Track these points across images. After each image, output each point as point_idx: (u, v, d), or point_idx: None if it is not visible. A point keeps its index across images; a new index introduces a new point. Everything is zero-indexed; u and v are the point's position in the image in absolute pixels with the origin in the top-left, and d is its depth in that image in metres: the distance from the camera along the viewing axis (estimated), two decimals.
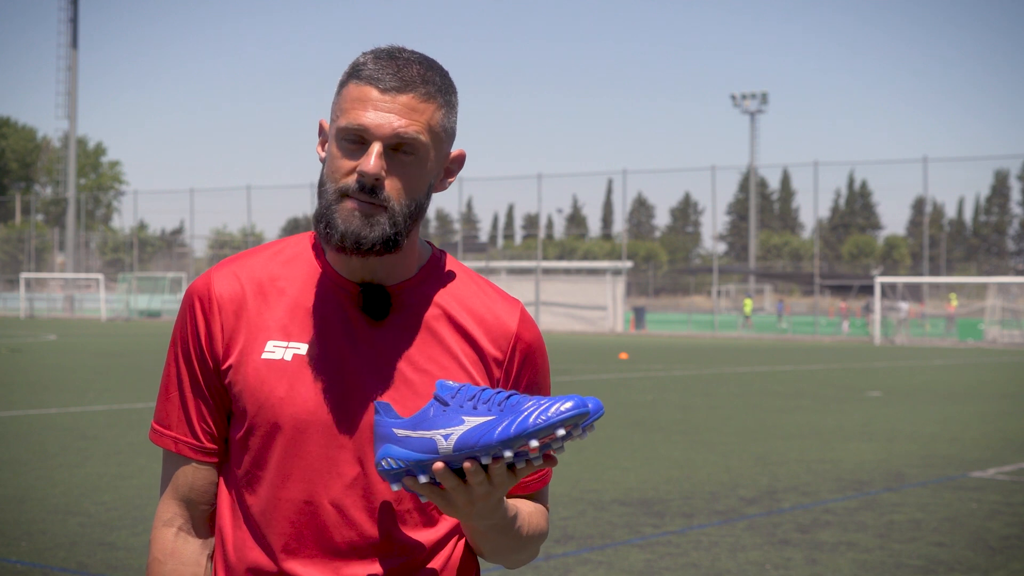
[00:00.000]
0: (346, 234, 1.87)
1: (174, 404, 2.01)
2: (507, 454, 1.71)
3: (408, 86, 1.88)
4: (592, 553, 7.41)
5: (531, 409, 1.71)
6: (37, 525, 7.84)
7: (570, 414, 1.69)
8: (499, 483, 1.77)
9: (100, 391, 17.74)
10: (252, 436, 1.95)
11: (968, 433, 14.09)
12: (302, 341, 1.95)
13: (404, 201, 1.89)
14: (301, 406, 1.92)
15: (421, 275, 2.01)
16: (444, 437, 1.74)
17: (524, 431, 1.69)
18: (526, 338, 2.04)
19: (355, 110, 1.87)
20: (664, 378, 22.99)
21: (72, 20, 67.15)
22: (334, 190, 1.89)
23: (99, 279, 62.30)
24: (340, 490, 1.92)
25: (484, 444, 1.71)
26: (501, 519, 1.88)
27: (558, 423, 1.69)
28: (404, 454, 1.76)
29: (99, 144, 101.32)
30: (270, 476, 1.94)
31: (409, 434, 1.77)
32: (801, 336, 48.90)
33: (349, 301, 1.97)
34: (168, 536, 2.02)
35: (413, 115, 1.87)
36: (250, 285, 1.99)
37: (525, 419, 1.70)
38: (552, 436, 1.70)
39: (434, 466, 1.74)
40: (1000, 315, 46.48)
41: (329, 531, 1.92)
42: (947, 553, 7.53)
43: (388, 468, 1.78)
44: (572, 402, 1.70)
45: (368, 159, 1.86)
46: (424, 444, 1.75)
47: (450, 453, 1.73)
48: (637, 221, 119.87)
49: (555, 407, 1.70)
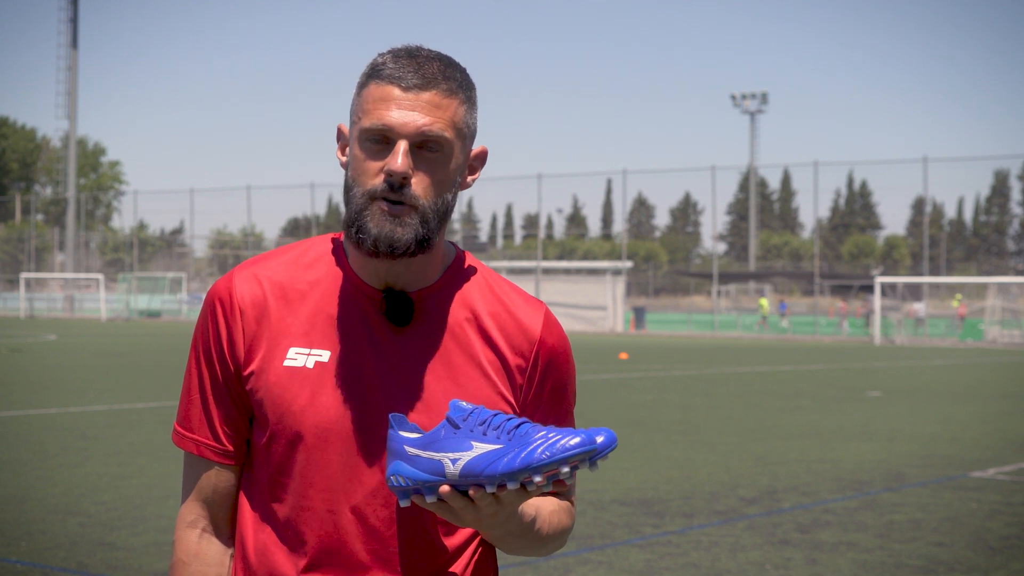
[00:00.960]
0: (379, 239, 1.85)
1: (196, 407, 2.01)
2: (510, 485, 1.72)
3: (430, 83, 1.86)
4: (592, 553, 7.41)
5: (539, 443, 1.71)
6: (37, 525, 7.83)
7: (575, 451, 1.70)
8: (508, 503, 1.77)
9: (100, 391, 17.73)
10: (274, 443, 1.95)
11: (968, 433, 14.08)
12: (324, 348, 1.94)
13: (432, 199, 1.88)
14: (323, 415, 1.92)
15: (444, 280, 1.99)
16: (452, 461, 1.75)
17: (528, 465, 1.71)
18: (549, 343, 2.02)
19: (378, 110, 1.86)
20: (664, 378, 22.98)
21: (72, 20, 67.15)
22: (362, 193, 1.87)
23: (99, 279, 62.29)
24: (362, 498, 1.92)
25: (488, 474, 1.72)
26: (517, 526, 1.88)
27: (563, 460, 1.70)
28: (413, 473, 1.77)
29: (98, 144, 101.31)
30: (292, 484, 1.94)
31: (419, 453, 1.77)
32: (801, 336, 48.89)
33: (372, 307, 1.96)
34: (192, 538, 2.02)
35: (437, 112, 1.86)
36: (272, 289, 1.97)
37: (531, 453, 1.71)
38: (555, 471, 1.71)
39: (440, 489, 1.75)
40: (1000, 315, 46.48)
41: (351, 539, 1.92)
42: (947, 553, 7.53)
43: (397, 485, 1.79)
44: (579, 438, 1.71)
45: (395, 158, 1.84)
46: (432, 465, 1.76)
47: (456, 478, 1.74)
48: (637, 221, 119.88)
49: (562, 442, 1.70)
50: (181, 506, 2.05)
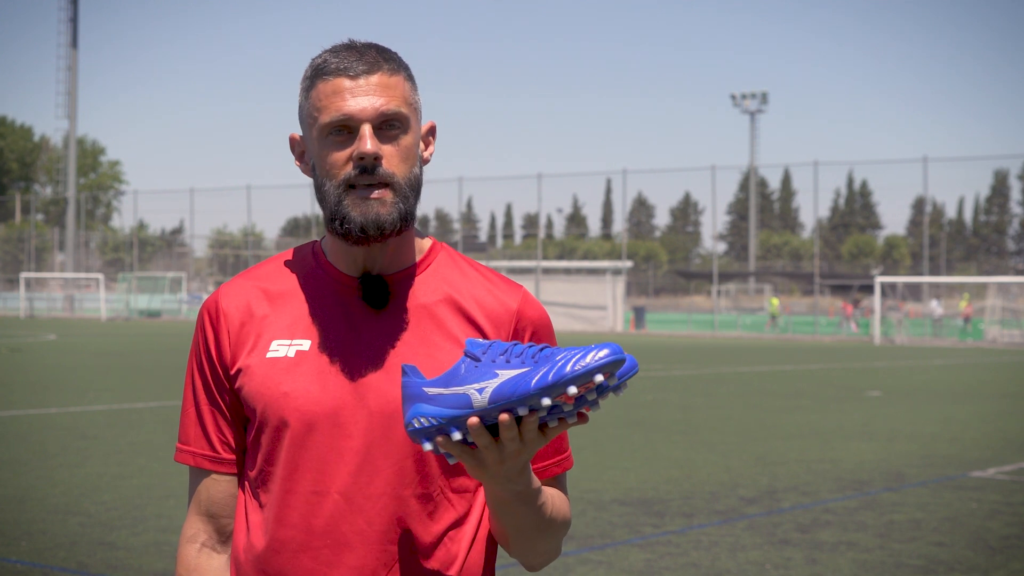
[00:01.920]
0: (366, 224, 1.90)
1: (191, 420, 2.07)
2: (545, 402, 1.67)
3: (374, 66, 1.93)
4: (592, 553, 7.41)
5: (566, 358, 1.67)
6: (37, 525, 7.84)
7: (607, 360, 1.65)
8: (530, 440, 1.75)
9: (100, 391, 17.74)
10: (262, 434, 1.99)
11: (968, 433, 14.08)
12: (306, 338, 1.99)
13: (404, 173, 1.94)
14: (305, 399, 1.95)
15: (421, 263, 2.04)
16: (479, 391, 1.71)
17: (562, 378, 1.66)
18: (529, 315, 2.04)
19: (334, 103, 1.91)
20: (664, 378, 22.98)
21: (72, 20, 67.15)
22: (337, 184, 1.92)
23: (99, 279, 62.29)
24: (348, 479, 1.94)
25: (521, 394, 1.67)
26: (526, 486, 1.87)
27: (595, 369, 1.65)
28: (437, 411, 1.73)
29: (97, 143, 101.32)
30: (280, 471, 1.97)
31: (441, 391, 1.74)
32: (801, 336, 48.89)
33: (350, 295, 2.00)
34: (191, 552, 2.05)
35: (388, 91, 1.93)
36: (255, 293, 2.04)
37: (562, 367, 1.66)
38: (590, 384, 1.66)
39: (469, 421, 1.71)
40: (1000, 315, 46.48)
41: (338, 521, 1.94)
42: (947, 553, 7.53)
43: (420, 427, 1.74)
44: (608, 349, 1.66)
45: (363, 141, 1.90)
46: (458, 400, 1.72)
47: (485, 406, 1.70)
48: (637, 221, 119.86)
49: (591, 354, 1.66)
50: (184, 523, 2.08)
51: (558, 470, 2.07)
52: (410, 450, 1.95)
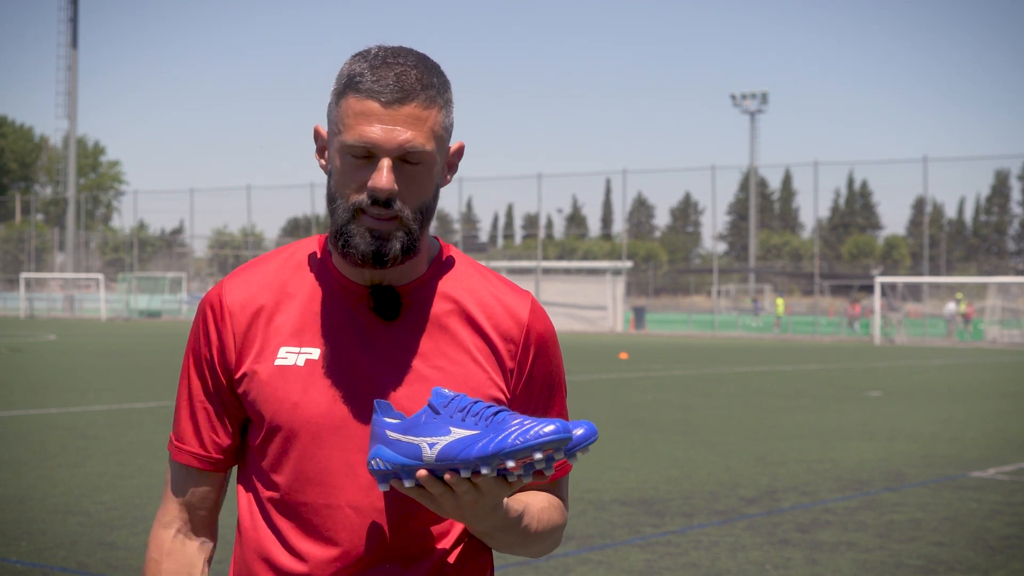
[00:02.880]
0: (367, 254, 1.88)
1: (184, 415, 2.05)
2: (484, 471, 1.73)
3: (409, 96, 1.86)
4: (592, 553, 7.41)
5: (513, 430, 1.73)
6: (37, 525, 7.84)
7: (548, 439, 1.71)
8: (488, 491, 1.78)
9: (100, 391, 17.74)
10: (269, 442, 1.97)
11: (968, 433, 14.09)
12: (314, 346, 1.96)
13: (415, 207, 1.90)
14: (315, 410, 1.94)
15: (430, 272, 2.02)
16: (429, 445, 1.76)
17: (501, 451, 1.71)
18: (538, 329, 2.04)
19: (360, 125, 1.86)
20: (664, 378, 22.99)
21: (72, 20, 67.16)
22: (346, 208, 1.89)
23: (99, 279, 62.30)
24: (358, 492, 1.93)
25: (463, 458, 1.74)
26: (502, 521, 1.88)
27: (536, 447, 1.71)
28: (392, 456, 1.78)
29: (97, 143, 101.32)
30: (289, 481, 1.96)
31: (399, 437, 1.79)
32: (801, 336, 48.88)
33: (359, 304, 1.98)
34: (166, 537, 2.05)
35: (417, 125, 1.87)
36: (261, 293, 2.01)
37: (504, 439, 1.72)
38: (529, 459, 1.72)
39: (417, 473, 1.77)
40: (1000, 315, 46.48)
41: (349, 533, 1.93)
42: (947, 553, 7.53)
43: (377, 468, 1.80)
44: (554, 426, 1.72)
45: (380, 175, 1.86)
46: (411, 449, 1.77)
47: (433, 462, 1.76)
48: (637, 221, 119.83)
49: (536, 429, 1.72)
50: (160, 507, 2.07)
51: (557, 475, 2.06)
52: None
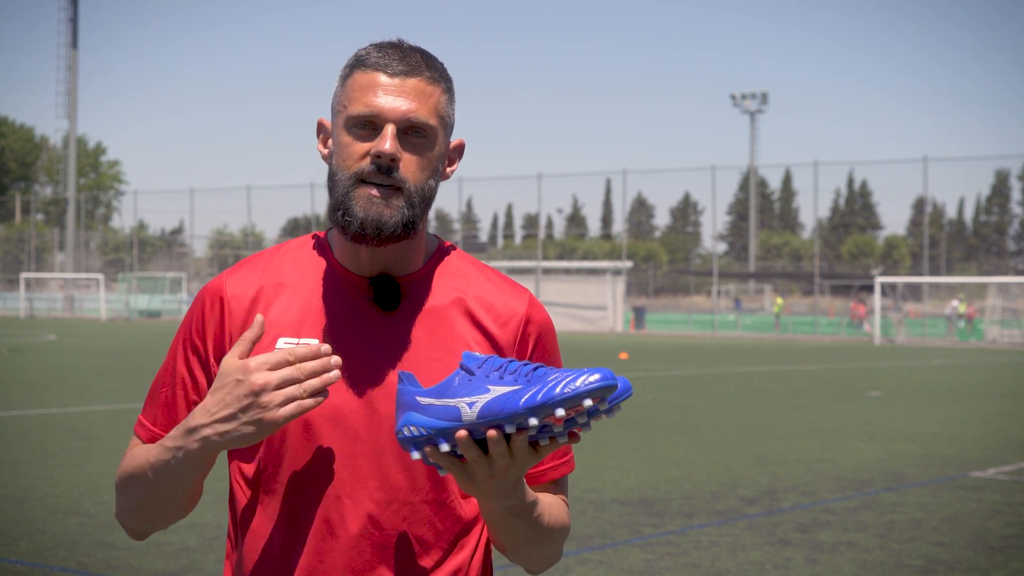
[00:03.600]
0: (366, 221, 1.88)
1: (162, 401, 2.02)
2: (532, 422, 1.68)
3: (415, 70, 1.91)
4: (592, 553, 7.41)
5: (558, 379, 1.68)
6: (37, 525, 7.84)
7: (597, 385, 1.66)
8: (520, 457, 1.74)
9: (100, 391, 17.74)
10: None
11: (968, 433, 14.09)
12: (312, 337, 1.96)
13: (418, 181, 1.92)
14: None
15: (429, 265, 2.03)
16: (469, 405, 1.71)
17: (551, 400, 1.66)
18: (536, 320, 2.04)
19: (365, 96, 1.90)
20: (664, 378, 22.98)
21: (72, 20, 67.16)
22: (348, 175, 1.90)
23: (99, 279, 62.29)
24: (356, 482, 1.93)
25: (509, 412, 1.68)
26: (520, 501, 1.86)
27: (585, 394, 1.66)
28: (427, 422, 1.74)
29: (98, 143, 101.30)
30: (287, 472, 1.95)
31: (433, 402, 1.74)
32: (801, 336, 48.87)
33: (359, 295, 1.98)
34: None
35: (422, 98, 1.91)
36: (260, 286, 2.01)
37: (551, 388, 1.67)
38: (579, 408, 1.67)
39: (457, 434, 1.71)
40: (1000, 315, 46.46)
41: (346, 523, 1.93)
42: (947, 553, 7.54)
43: (409, 436, 1.75)
44: (600, 374, 1.67)
45: (384, 140, 1.88)
46: (448, 412, 1.73)
47: (474, 421, 1.70)
48: (637, 221, 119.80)
49: (582, 378, 1.67)
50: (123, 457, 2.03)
51: (557, 474, 2.05)
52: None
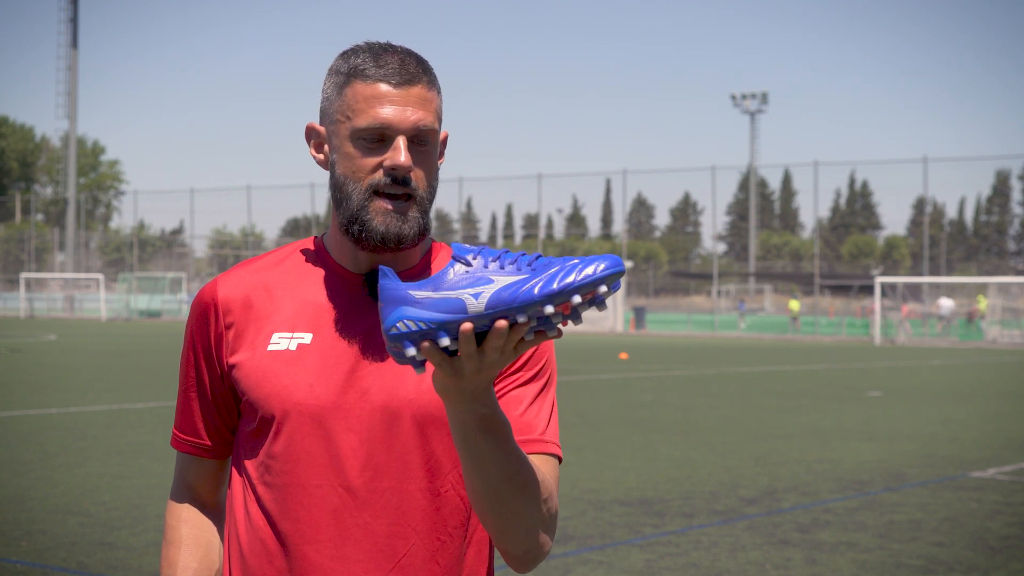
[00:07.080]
0: (387, 236, 1.91)
1: (183, 407, 2.12)
2: (548, 309, 1.62)
3: (415, 77, 1.93)
4: (592, 553, 7.41)
5: (567, 267, 1.64)
6: (37, 525, 7.84)
7: (611, 271, 1.63)
8: (508, 351, 1.68)
9: (100, 391, 17.75)
10: (262, 427, 1.99)
11: (968, 433, 14.09)
12: (307, 331, 1.99)
13: (427, 188, 1.95)
14: (307, 392, 1.95)
15: (424, 262, 2.05)
16: (474, 296, 1.64)
17: (567, 287, 1.61)
18: None
19: (372, 108, 1.91)
20: (664, 378, 22.99)
21: (72, 20, 67.20)
22: (362, 189, 1.91)
23: (99, 279, 62.31)
24: (351, 474, 1.94)
25: (523, 300, 1.62)
26: (491, 409, 1.77)
27: (600, 279, 1.63)
28: (426, 316, 1.64)
29: (97, 143, 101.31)
30: (282, 464, 1.97)
31: (430, 295, 1.66)
32: (801, 336, 48.87)
33: (353, 290, 2.01)
34: (182, 507, 2.14)
35: (426, 105, 1.93)
36: (256, 287, 2.04)
37: (564, 276, 1.63)
38: (592, 293, 1.63)
39: (463, 326, 1.63)
40: (1000, 315, 46.46)
41: (342, 515, 1.94)
42: (947, 553, 7.54)
43: (405, 331, 1.64)
44: (609, 260, 1.63)
45: (398, 154, 1.90)
46: (450, 304, 1.64)
47: (482, 312, 1.63)
48: (637, 221, 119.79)
49: (593, 266, 1.63)
50: (171, 489, 2.17)
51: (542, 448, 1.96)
52: (415, 445, 1.94)
